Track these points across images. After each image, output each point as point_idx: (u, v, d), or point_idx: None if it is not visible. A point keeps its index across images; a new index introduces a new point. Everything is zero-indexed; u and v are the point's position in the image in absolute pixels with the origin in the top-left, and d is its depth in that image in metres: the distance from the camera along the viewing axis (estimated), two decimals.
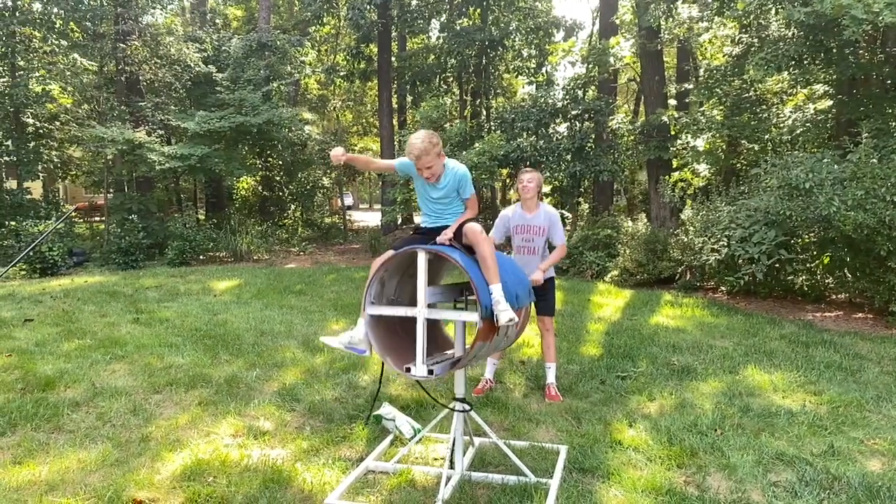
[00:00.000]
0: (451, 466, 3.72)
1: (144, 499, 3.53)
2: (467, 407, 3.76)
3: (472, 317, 3.37)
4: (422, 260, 3.33)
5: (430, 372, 3.34)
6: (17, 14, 15.70)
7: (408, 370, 3.37)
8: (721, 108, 12.65)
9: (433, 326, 3.83)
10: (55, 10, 15.91)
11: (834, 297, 9.46)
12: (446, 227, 3.69)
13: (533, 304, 5.34)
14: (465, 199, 3.79)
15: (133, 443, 4.27)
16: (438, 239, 3.58)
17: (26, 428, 4.49)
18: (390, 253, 3.55)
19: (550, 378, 5.27)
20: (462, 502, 3.50)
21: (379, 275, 3.48)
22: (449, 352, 3.89)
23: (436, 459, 4.13)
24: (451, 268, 4.21)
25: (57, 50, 16.69)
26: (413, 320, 3.40)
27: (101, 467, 3.91)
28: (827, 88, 11.58)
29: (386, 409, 4.60)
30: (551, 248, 5.35)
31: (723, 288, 9.95)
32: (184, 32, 19.55)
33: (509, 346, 4.29)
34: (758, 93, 12.58)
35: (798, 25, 9.19)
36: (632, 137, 15.10)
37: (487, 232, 5.13)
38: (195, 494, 3.56)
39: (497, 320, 3.37)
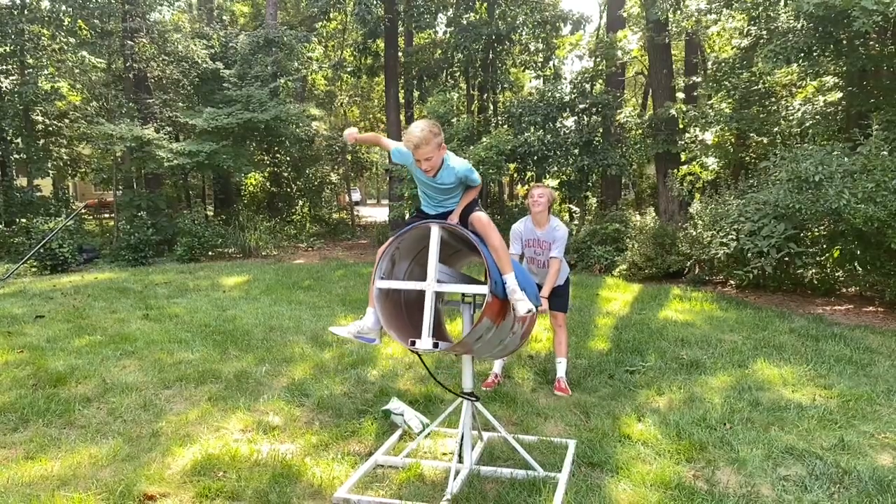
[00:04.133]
0: (460, 461, 3.73)
1: (155, 493, 3.55)
2: (474, 398, 3.76)
3: (483, 289, 3.30)
4: (434, 234, 3.28)
5: (435, 345, 3.25)
6: (26, 12, 15.76)
7: (412, 343, 3.27)
8: (730, 101, 12.57)
9: (436, 323, 3.80)
10: (63, 7, 15.95)
11: (844, 290, 9.40)
12: (449, 212, 3.61)
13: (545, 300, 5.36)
14: (473, 186, 3.63)
15: (144, 438, 4.30)
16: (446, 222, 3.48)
17: (38, 423, 4.53)
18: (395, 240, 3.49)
19: (560, 372, 5.27)
20: (471, 496, 3.51)
21: (390, 251, 3.42)
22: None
23: (444, 454, 4.14)
24: (462, 261, 4.21)
25: (65, 48, 16.74)
26: (420, 303, 3.37)
27: (113, 462, 3.95)
28: (837, 80, 11.48)
29: (394, 404, 4.61)
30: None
31: (732, 282, 9.91)
32: (191, 29, 19.60)
33: (516, 349, 4.29)
34: (767, 85, 12.49)
35: (807, 17, 9.10)
36: (640, 131, 15.04)
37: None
38: (205, 489, 3.58)
39: (515, 310, 3.33)
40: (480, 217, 3.50)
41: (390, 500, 3.50)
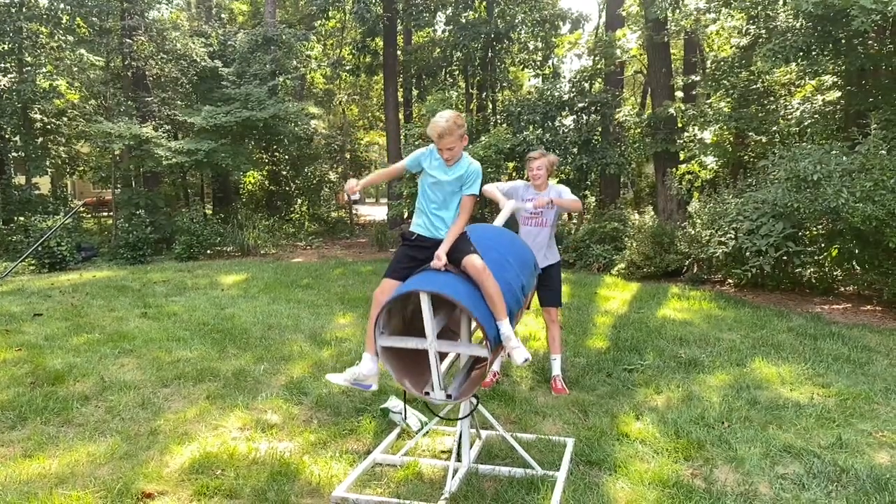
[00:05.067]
0: (458, 459, 3.73)
1: (153, 491, 3.55)
2: (474, 400, 3.76)
3: (482, 352, 3.38)
4: (425, 303, 3.25)
5: (449, 396, 3.42)
6: (24, 10, 15.71)
7: (426, 394, 3.44)
8: (728, 100, 12.57)
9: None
10: (61, 5, 15.90)
11: (842, 289, 9.40)
12: (438, 241, 3.51)
13: (537, 297, 5.37)
14: (466, 194, 3.56)
15: (142, 436, 4.30)
16: (433, 264, 3.41)
17: (36, 421, 4.53)
18: (389, 283, 3.49)
19: (556, 370, 5.26)
20: (469, 495, 3.51)
21: (385, 308, 3.39)
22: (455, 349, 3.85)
23: (443, 452, 4.14)
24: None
25: (64, 46, 16.70)
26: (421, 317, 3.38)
27: (111, 460, 3.94)
28: (835, 79, 11.49)
29: (393, 403, 4.61)
30: (557, 238, 5.38)
31: (730, 280, 9.91)
32: (189, 27, 19.56)
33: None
34: (765, 84, 12.50)
35: (806, 16, 9.11)
36: (639, 130, 15.04)
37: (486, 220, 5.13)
38: (203, 487, 3.58)
39: (512, 358, 3.40)
40: (475, 262, 3.39)
41: (388, 498, 3.50)
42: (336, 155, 24.06)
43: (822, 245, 9.08)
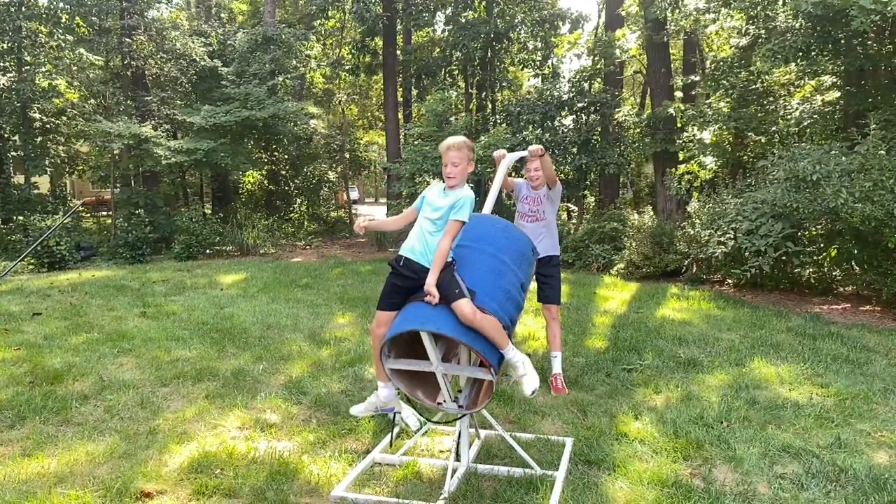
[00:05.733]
0: (457, 459, 3.73)
1: (152, 491, 3.55)
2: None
3: (486, 375, 3.42)
4: (426, 338, 3.29)
5: (460, 407, 3.54)
6: (24, 9, 15.71)
7: (439, 404, 3.58)
8: (728, 100, 12.58)
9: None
10: (61, 4, 15.90)
11: (841, 289, 9.41)
12: (425, 268, 3.44)
13: (537, 295, 5.39)
14: (453, 219, 3.44)
15: (141, 435, 4.30)
16: (426, 300, 3.36)
17: (35, 421, 4.53)
18: (384, 315, 3.52)
19: (556, 368, 5.25)
20: (468, 494, 3.51)
21: (386, 341, 3.42)
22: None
23: (441, 452, 4.14)
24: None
25: (63, 45, 16.70)
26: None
27: (110, 460, 3.94)
28: (835, 80, 11.50)
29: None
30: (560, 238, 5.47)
31: (729, 281, 9.92)
32: (189, 27, 19.54)
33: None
34: (765, 84, 12.50)
35: (806, 16, 9.11)
36: (638, 130, 15.05)
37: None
38: (202, 486, 3.58)
39: (522, 389, 3.53)
40: (463, 310, 3.28)
41: (387, 498, 3.50)
42: (335, 154, 24.04)
43: (821, 245, 9.09)
